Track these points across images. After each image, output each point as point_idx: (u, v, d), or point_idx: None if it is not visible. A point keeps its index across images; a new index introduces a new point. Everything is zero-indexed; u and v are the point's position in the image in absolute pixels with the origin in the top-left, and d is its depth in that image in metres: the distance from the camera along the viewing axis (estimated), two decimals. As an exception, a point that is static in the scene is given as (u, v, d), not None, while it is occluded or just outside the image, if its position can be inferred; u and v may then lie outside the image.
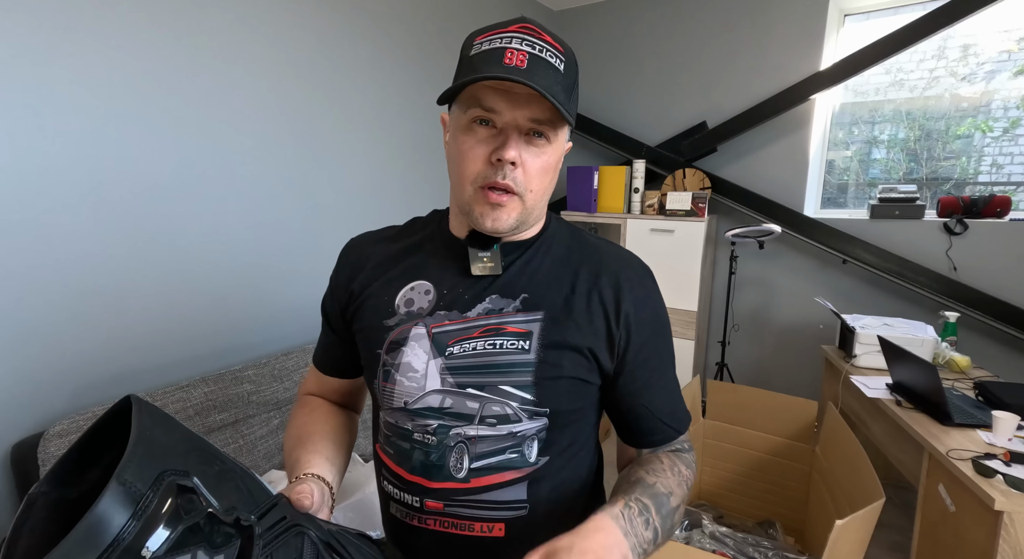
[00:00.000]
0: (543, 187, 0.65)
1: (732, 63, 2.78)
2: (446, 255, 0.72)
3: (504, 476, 0.66)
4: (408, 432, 0.68)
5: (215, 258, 1.61)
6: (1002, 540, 1.18)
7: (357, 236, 0.82)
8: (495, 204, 0.63)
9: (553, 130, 0.62)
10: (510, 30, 0.60)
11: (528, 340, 0.65)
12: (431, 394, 0.66)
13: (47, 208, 1.25)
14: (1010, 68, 2.38)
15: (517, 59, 0.58)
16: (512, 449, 0.66)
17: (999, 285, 2.28)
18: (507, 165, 0.61)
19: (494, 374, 0.65)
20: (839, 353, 2.21)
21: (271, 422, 1.55)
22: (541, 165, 0.63)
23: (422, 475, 0.67)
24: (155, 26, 1.40)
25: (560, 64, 0.60)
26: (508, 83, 0.58)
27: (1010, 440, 1.40)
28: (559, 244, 0.73)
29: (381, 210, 2.18)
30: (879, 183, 2.66)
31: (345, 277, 0.77)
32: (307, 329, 1.91)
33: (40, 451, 1.14)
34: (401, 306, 0.70)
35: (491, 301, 0.68)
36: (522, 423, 0.65)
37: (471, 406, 0.65)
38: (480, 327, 0.66)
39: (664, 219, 2.68)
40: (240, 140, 1.64)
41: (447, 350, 0.66)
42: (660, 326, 0.71)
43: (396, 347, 0.69)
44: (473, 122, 0.62)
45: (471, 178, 0.63)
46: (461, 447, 0.65)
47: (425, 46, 2.29)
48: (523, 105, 0.59)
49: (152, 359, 1.47)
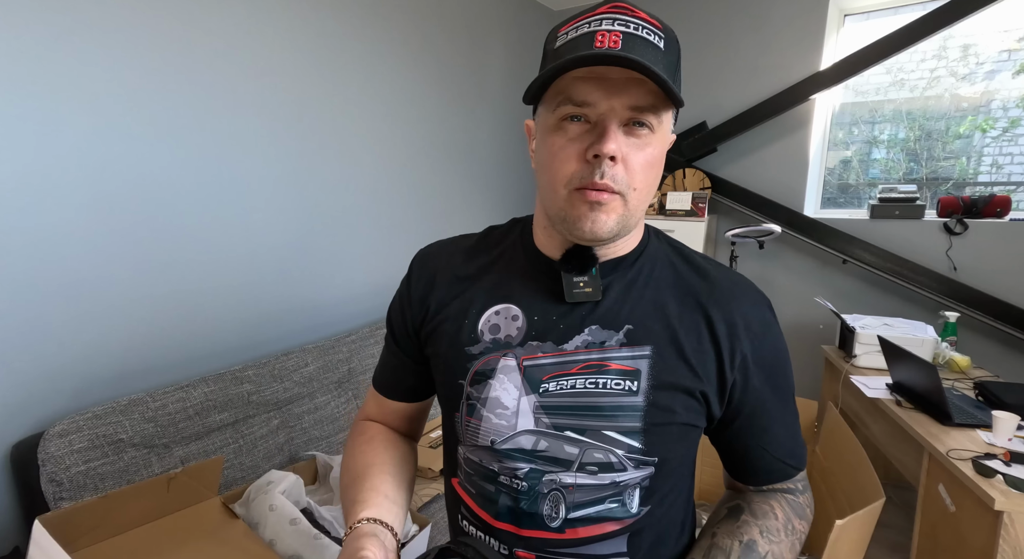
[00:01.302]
0: (648, 184, 0.56)
1: (732, 63, 2.78)
2: (533, 275, 0.64)
3: (603, 528, 0.60)
4: (494, 474, 0.62)
5: (215, 258, 1.60)
6: (1002, 540, 1.18)
7: (430, 245, 0.73)
8: (594, 202, 0.54)
9: (657, 117, 0.54)
10: (599, 12, 0.53)
11: (636, 380, 0.58)
12: (523, 434, 0.59)
13: (47, 208, 1.25)
14: (1010, 68, 2.38)
15: (610, 41, 0.50)
16: (612, 499, 0.59)
17: (999, 285, 2.28)
18: (605, 161, 0.52)
19: (597, 417, 0.58)
20: (839, 353, 2.21)
21: (271, 422, 1.55)
22: (645, 159, 0.54)
23: (511, 522, 0.61)
24: (156, 26, 1.40)
25: (660, 41, 0.52)
26: (601, 69, 0.51)
27: (1010, 440, 1.39)
28: (662, 264, 0.64)
29: (381, 210, 2.18)
30: (879, 183, 2.66)
31: (420, 292, 0.69)
32: (307, 329, 1.91)
33: (40, 451, 1.14)
34: (486, 332, 0.63)
35: (591, 333, 0.60)
36: (627, 472, 0.58)
37: (570, 451, 0.58)
38: (580, 362, 0.59)
39: (664, 219, 2.68)
40: (240, 140, 1.63)
41: (541, 387, 0.59)
42: (779, 363, 0.64)
43: (482, 379, 0.62)
44: (563, 120, 0.54)
45: (564, 180, 0.55)
46: (557, 495, 0.59)
47: (426, 46, 2.29)
48: (620, 92, 0.51)
49: (152, 359, 1.47)
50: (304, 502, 1.29)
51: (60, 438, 1.16)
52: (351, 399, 1.81)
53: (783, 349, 0.64)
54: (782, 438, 0.65)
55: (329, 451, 1.66)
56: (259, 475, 1.39)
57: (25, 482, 1.18)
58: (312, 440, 1.65)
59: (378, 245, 2.18)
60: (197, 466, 1.20)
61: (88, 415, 1.22)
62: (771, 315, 0.64)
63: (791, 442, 0.66)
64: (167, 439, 1.32)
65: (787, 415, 0.65)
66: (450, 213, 2.57)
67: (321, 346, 1.77)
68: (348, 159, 2.01)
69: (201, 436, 1.39)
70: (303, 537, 1.14)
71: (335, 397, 1.75)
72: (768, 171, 2.76)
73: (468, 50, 2.53)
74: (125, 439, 1.24)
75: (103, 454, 1.21)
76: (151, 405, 1.31)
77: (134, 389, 1.42)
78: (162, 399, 1.34)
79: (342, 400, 1.77)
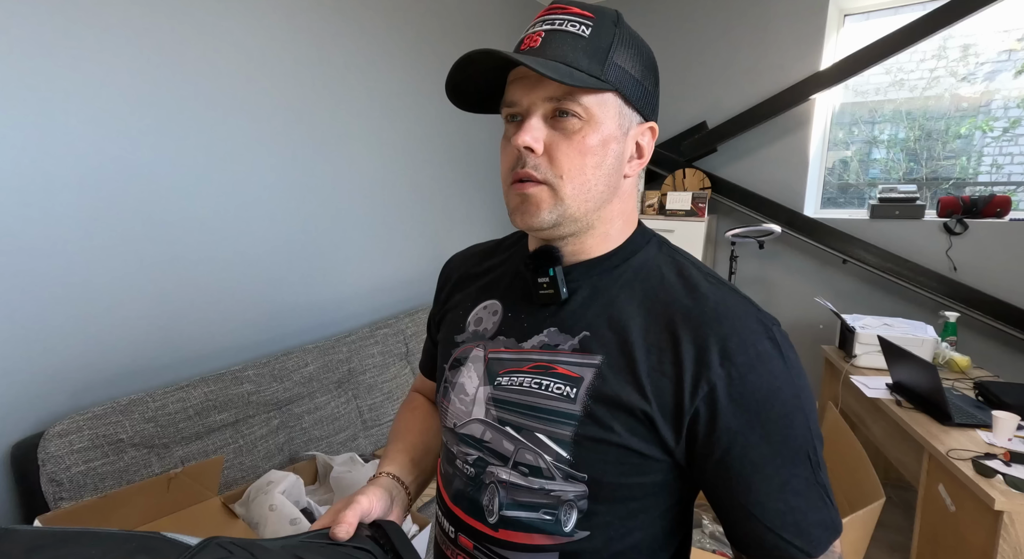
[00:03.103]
0: (580, 170, 0.54)
1: (732, 63, 2.79)
2: (521, 274, 0.66)
3: (533, 538, 0.58)
4: (452, 456, 0.65)
5: (215, 258, 1.60)
6: (1002, 540, 1.18)
7: (460, 251, 0.81)
8: (521, 195, 0.55)
9: (579, 104, 0.53)
10: (538, 17, 0.56)
11: (576, 387, 0.55)
12: (474, 423, 0.62)
13: (47, 208, 1.25)
14: (1010, 68, 2.38)
15: (531, 41, 0.54)
16: (546, 509, 0.57)
17: (999, 285, 2.28)
18: (523, 151, 0.54)
19: (533, 418, 0.57)
20: (839, 353, 2.21)
21: (271, 422, 1.55)
22: (573, 147, 0.54)
23: (459, 506, 0.63)
24: (154, 26, 1.40)
25: (585, 30, 0.53)
26: (523, 69, 0.53)
27: (1010, 440, 1.40)
28: (648, 274, 0.59)
29: (381, 210, 2.18)
30: (879, 183, 2.66)
31: (438, 289, 0.78)
32: (307, 329, 1.91)
33: (40, 451, 1.14)
34: (471, 324, 0.67)
35: (548, 334, 0.59)
36: (556, 482, 0.56)
37: (507, 447, 0.59)
38: (532, 361, 0.59)
39: (664, 219, 2.69)
40: (240, 140, 1.64)
41: (496, 380, 0.61)
42: (774, 406, 0.51)
43: (457, 365, 0.66)
44: (506, 121, 0.58)
45: (505, 175, 0.58)
46: (493, 488, 0.59)
47: (425, 46, 2.29)
48: (535, 87, 0.53)
49: (152, 359, 1.47)
50: (304, 502, 1.29)
51: (60, 438, 1.16)
52: (351, 399, 1.81)
53: (787, 393, 0.51)
54: (778, 504, 0.51)
55: (329, 451, 1.66)
56: (259, 475, 1.39)
57: (25, 482, 1.18)
58: (312, 440, 1.65)
59: (378, 245, 2.18)
60: (197, 466, 1.21)
61: (88, 415, 1.22)
62: (771, 348, 0.52)
63: (795, 514, 0.51)
64: (167, 439, 1.32)
65: (790, 477, 0.52)
66: (450, 213, 2.57)
67: (321, 346, 1.77)
68: (348, 159, 2.01)
69: (201, 436, 1.39)
70: (303, 537, 1.14)
71: (335, 397, 1.75)
72: (768, 171, 2.76)
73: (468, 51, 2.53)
74: (125, 439, 1.24)
75: (103, 454, 1.21)
76: (151, 405, 1.31)
77: (134, 389, 1.42)
78: (162, 399, 1.34)
79: (342, 400, 1.77)
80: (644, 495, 0.57)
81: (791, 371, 0.52)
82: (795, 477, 0.52)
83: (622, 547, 0.58)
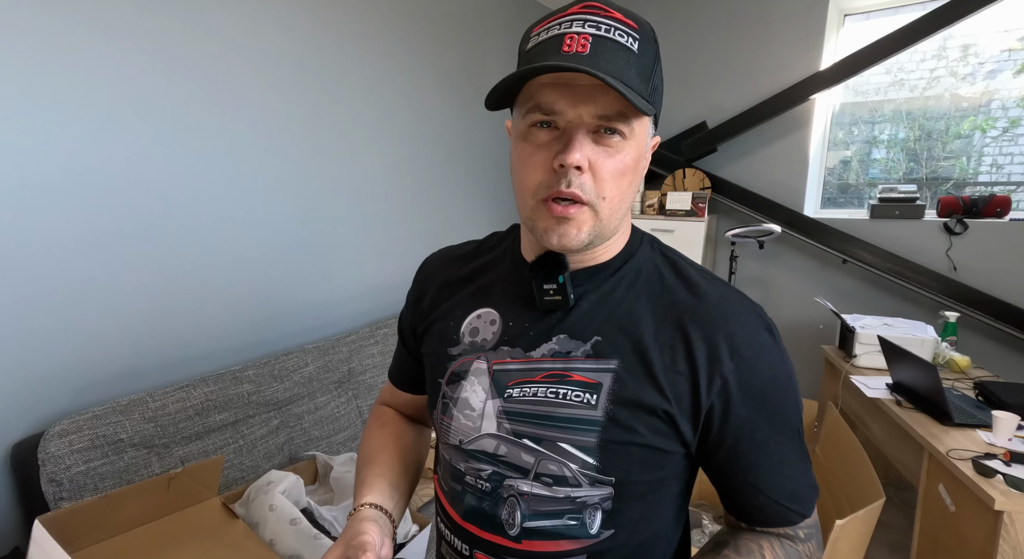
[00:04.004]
0: (620, 193, 0.54)
1: (732, 63, 2.79)
2: (515, 280, 0.64)
3: (559, 545, 0.57)
4: (461, 473, 0.62)
5: (215, 258, 1.60)
6: (1002, 540, 1.18)
7: (435, 252, 0.76)
8: (561, 217, 0.53)
9: (627, 124, 0.51)
10: (571, 12, 0.52)
11: (596, 393, 0.56)
12: (486, 437, 0.60)
13: (46, 208, 1.25)
14: (1010, 68, 2.38)
15: (578, 45, 0.49)
16: (571, 515, 0.57)
17: (999, 285, 2.28)
18: (571, 171, 0.51)
19: (554, 428, 0.56)
20: (839, 353, 2.21)
21: (271, 422, 1.55)
22: (615, 167, 0.52)
23: (473, 523, 0.61)
24: (154, 27, 1.40)
25: (633, 43, 0.50)
26: (568, 75, 0.49)
27: (1010, 440, 1.40)
28: (649, 275, 0.61)
29: (381, 211, 2.18)
30: (879, 183, 2.66)
31: (415, 295, 0.74)
32: (307, 329, 1.91)
33: (40, 451, 1.14)
34: (466, 335, 0.64)
35: (558, 341, 0.58)
36: (582, 488, 0.56)
37: (526, 459, 0.57)
38: (544, 371, 0.58)
39: (664, 219, 2.69)
40: (240, 140, 1.63)
41: (506, 392, 0.59)
42: (775, 392, 0.57)
43: (456, 379, 0.63)
44: (532, 126, 0.53)
45: (532, 189, 0.54)
46: (513, 501, 0.58)
47: (425, 47, 2.29)
48: (587, 99, 0.50)
49: (152, 359, 1.47)
50: (304, 502, 1.29)
51: (60, 438, 1.16)
52: (351, 399, 1.81)
53: (783, 377, 0.57)
54: (779, 477, 0.58)
55: (329, 451, 1.66)
56: (259, 475, 1.39)
57: (25, 482, 1.18)
58: (312, 440, 1.65)
59: (378, 245, 2.18)
60: (197, 466, 1.21)
61: (88, 415, 1.22)
62: (769, 338, 0.57)
63: (792, 483, 0.58)
64: (167, 439, 1.32)
65: (787, 452, 0.58)
66: (449, 213, 2.57)
67: (321, 346, 1.77)
68: (348, 159, 2.01)
69: (201, 436, 1.39)
70: (303, 537, 1.14)
71: (335, 397, 1.75)
72: (768, 171, 2.76)
73: (467, 51, 2.53)
74: (125, 439, 1.24)
75: (103, 454, 1.21)
76: (151, 405, 1.31)
77: (134, 389, 1.42)
78: (162, 399, 1.34)
79: (342, 400, 1.77)
80: (661, 486, 0.59)
81: (783, 355, 0.59)
82: (791, 451, 0.59)
83: (643, 538, 0.60)
